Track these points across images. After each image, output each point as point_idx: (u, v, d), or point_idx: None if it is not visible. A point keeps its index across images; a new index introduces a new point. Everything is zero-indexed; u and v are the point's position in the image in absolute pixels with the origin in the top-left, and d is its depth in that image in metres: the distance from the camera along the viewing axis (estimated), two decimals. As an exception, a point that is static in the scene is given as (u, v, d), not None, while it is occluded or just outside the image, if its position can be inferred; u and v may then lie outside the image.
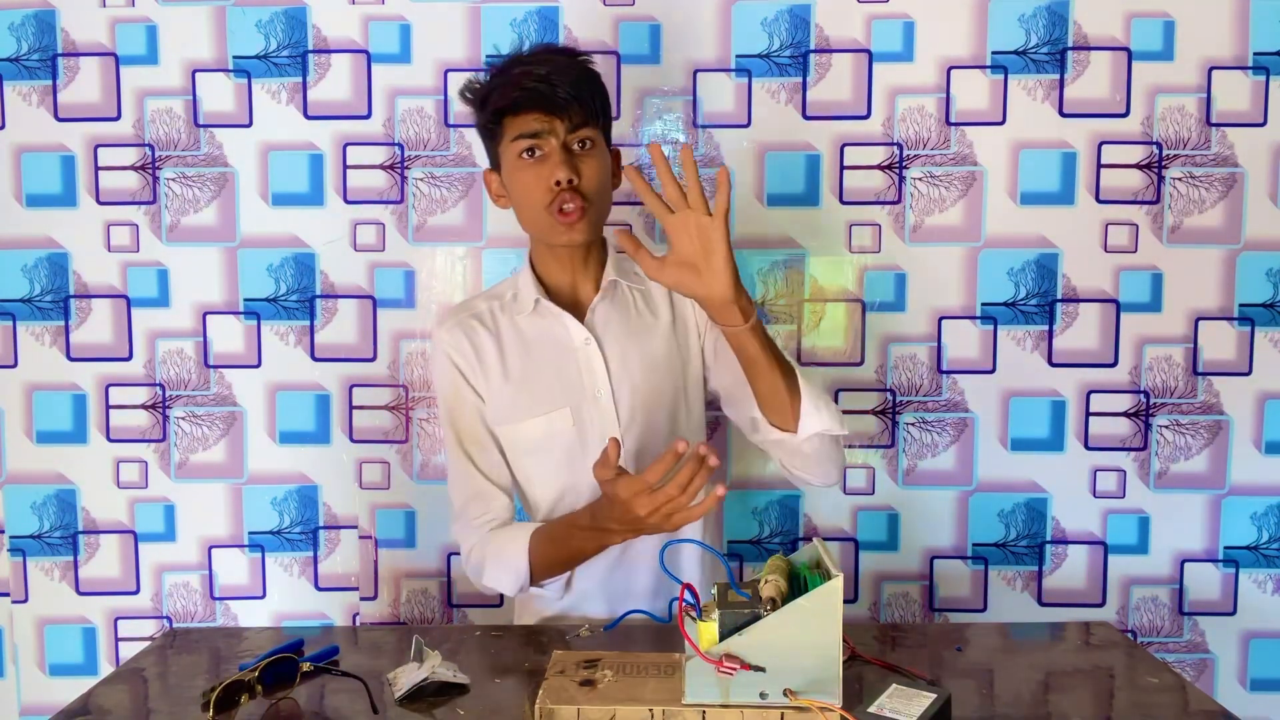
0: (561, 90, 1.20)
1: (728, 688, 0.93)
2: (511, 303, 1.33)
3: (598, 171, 1.24)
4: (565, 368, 1.29)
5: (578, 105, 1.21)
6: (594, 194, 1.24)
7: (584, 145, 1.24)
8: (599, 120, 1.26)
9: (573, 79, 1.22)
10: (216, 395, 1.76)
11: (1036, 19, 1.68)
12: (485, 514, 1.31)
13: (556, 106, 1.20)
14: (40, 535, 1.77)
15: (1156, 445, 1.74)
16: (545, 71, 1.21)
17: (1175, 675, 1.12)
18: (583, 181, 1.22)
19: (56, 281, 1.74)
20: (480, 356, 1.31)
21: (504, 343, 1.31)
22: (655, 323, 1.33)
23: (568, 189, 1.21)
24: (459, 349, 1.31)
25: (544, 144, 1.22)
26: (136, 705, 1.08)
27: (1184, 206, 1.70)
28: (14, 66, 1.71)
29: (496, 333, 1.32)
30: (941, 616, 1.78)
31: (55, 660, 1.79)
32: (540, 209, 1.23)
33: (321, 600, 1.79)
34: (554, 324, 1.30)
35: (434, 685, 1.05)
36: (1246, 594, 1.75)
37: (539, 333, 1.31)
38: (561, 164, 1.20)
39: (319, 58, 1.71)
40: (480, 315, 1.33)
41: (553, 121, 1.21)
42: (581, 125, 1.23)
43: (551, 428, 1.29)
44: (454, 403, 1.32)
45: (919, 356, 1.74)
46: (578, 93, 1.21)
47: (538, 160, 1.23)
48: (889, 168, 1.71)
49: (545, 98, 1.20)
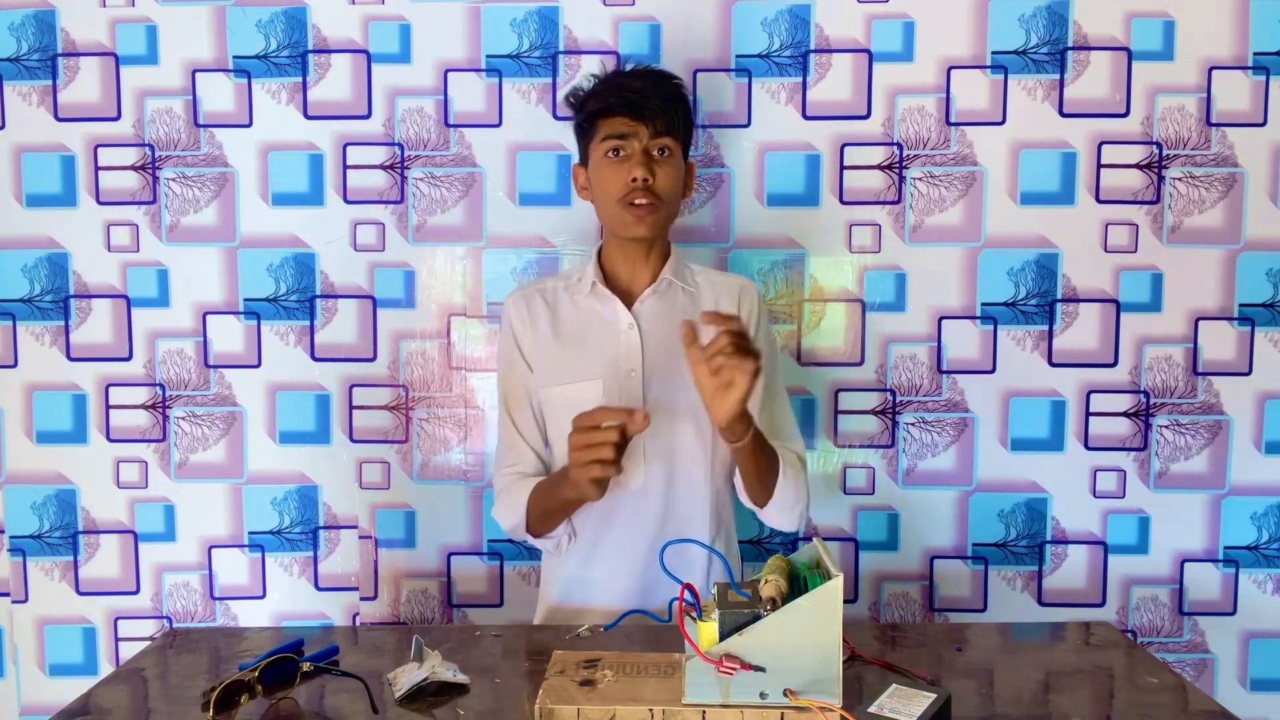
0: (651, 101, 1.35)
1: (728, 688, 0.93)
2: (576, 284, 1.46)
3: (672, 177, 1.38)
4: (606, 345, 1.41)
5: (663, 116, 1.36)
6: (666, 195, 1.37)
7: (663, 152, 1.37)
8: (680, 134, 1.39)
9: (663, 95, 1.37)
10: (216, 395, 1.76)
11: (1036, 19, 1.68)
12: (515, 464, 1.45)
13: (644, 114, 1.35)
14: (40, 535, 1.77)
15: (1156, 445, 1.74)
16: (640, 84, 1.37)
17: (1175, 675, 1.13)
18: (657, 182, 1.36)
19: (56, 281, 1.74)
20: (535, 323, 1.45)
21: (559, 315, 1.45)
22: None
23: (642, 187, 1.34)
24: (519, 315, 1.45)
25: (628, 146, 1.36)
26: (136, 705, 1.08)
27: (1184, 206, 1.70)
28: (14, 66, 1.71)
29: (555, 306, 1.45)
30: (941, 616, 1.78)
31: (55, 660, 1.79)
32: (615, 201, 1.36)
33: (321, 600, 1.79)
34: (605, 306, 1.42)
35: (434, 685, 1.05)
36: (1246, 594, 1.75)
37: (591, 311, 1.43)
38: (640, 164, 1.35)
39: (319, 58, 1.71)
40: (545, 290, 1.47)
41: (638, 127, 1.35)
42: (663, 134, 1.36)
43: (583, 395, 1.38)
44: (507, 365, 1.47)
45: (919, 356, 1.74)
46: (665, 106, 1.36)
47: (620, 159, 1.37)
48: (889, 168, 1.71)
49: (635, 105, 1.35)
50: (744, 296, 1.45)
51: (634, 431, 1.19)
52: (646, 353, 1.39)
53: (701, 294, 1.45)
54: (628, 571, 1.39)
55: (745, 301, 1.45)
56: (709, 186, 1.72)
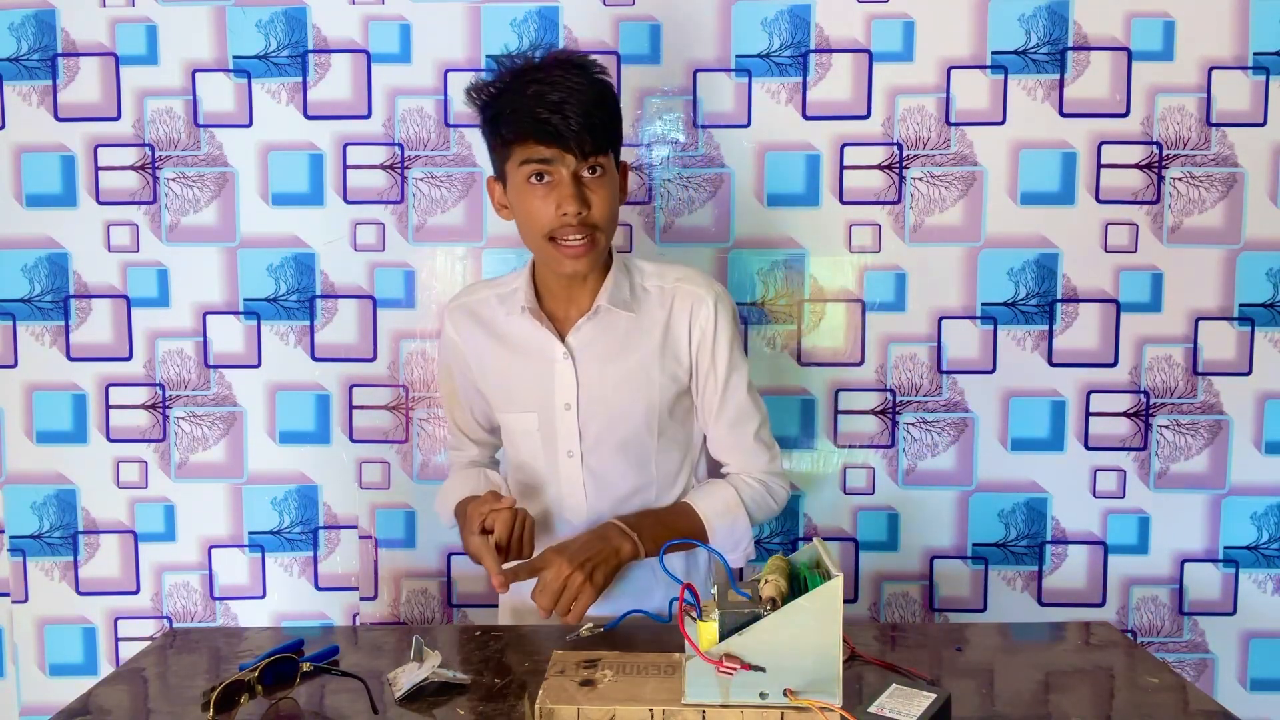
0: (574, 120, 1.16)
1: (728, 688, 0.93)
2: (510, 296, 1.34)
3: (607, 199, 1.22)
4: (541, 375, 1.31)
5: (589, 136, 1.17)
6: (604, 222, 1.22)
7: (594, 171, 1.20)
8: (610, 145, 1.22)
9: (586, 106, 1.17)
10: (216, 395, 1.76)
11: (1036, 19, 1.68)
12: (459, 452, 1.49)
13: (568, 139, 1.16)
14: (40, 535, 1.77)
15: (1156, 445, 1.74)
16: (558, 99, 1.16)
17: (1175, 675, 1.12)
18: (592, 212, 1.20)
19: (56, 281, 1.74)
20: (474, 344, 1.37)
21: (494, 334, 1.35)
22: (641, 344, 1.30)
23: (575, 222, 1.19)
24: (459, 331, 1.38)
25: (554, 171, 1.19)
26: (136, 705, 1.08)
27: (1184, 206, 1.70)
28: (14, 66, 1.71)
29: (491, 323, 1.35)
30: (941, 616, 1.78)
31: (55, 660, 1.79)
32: (543, 236, 1.22)
33: (321, 600, 1.79)
34: (538, 334, 1.31)
35: (434, 685, 1.05)
36: (1246, 594, 1.75)
37: (525, 336, 1.32)
38: (571, 196, 1.18)
39: (319, 58, 1.71)
40: (482, 304, 1.36)
41: (563, 154, 1.18)
42: (593, 153, 1.19)
43: (519, 426, 1.35)
44: (445, 368, 1.44)
45: (919, 356, 1.73)
46: (590, 122, 1.17)
47: (546, 185, 1.20)
48: (889, 168, 1.71)
49: (557, 131, 1.16)
50: (697, 312, 1.29)
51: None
52: (582, 385, 1.29)
53: (647, 312, 1.31)
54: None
55: (699, 319, 1.29)
56: (709, 186, 1.72)
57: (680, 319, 1.30)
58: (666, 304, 1.30)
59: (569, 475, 1.33)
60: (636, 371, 1.30)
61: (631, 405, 1.30)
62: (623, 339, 1.30)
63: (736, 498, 1.32)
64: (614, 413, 1.30)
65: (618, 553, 1.22)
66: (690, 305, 1.30)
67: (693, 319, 1.30)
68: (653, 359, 1.30)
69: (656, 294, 1.31)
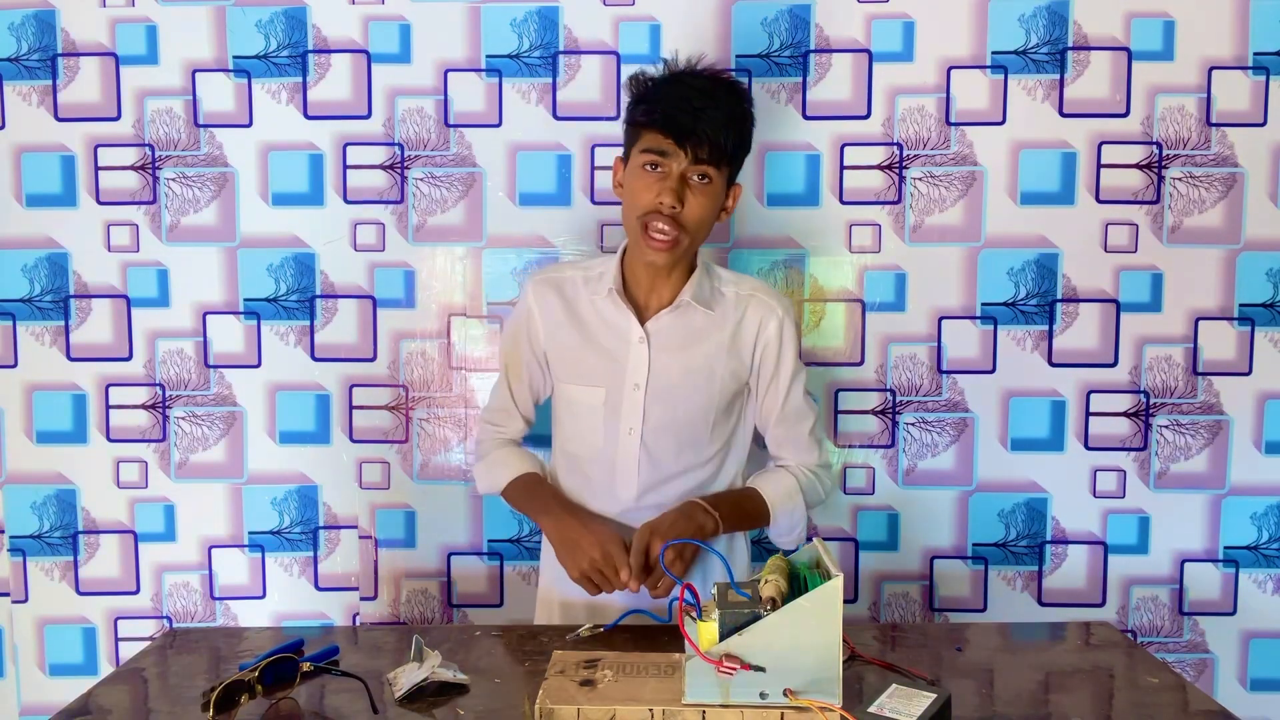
0: (701, 126, 1.26)
1: (728, 688, 0.93)
2: (596, 280, 1.41)
3: (704, 207, 1.31)
4: (615, 353, 1.39)
5: (710, 147, 1.27)
6: (692, 226, 1.31)
7: (702, 179, 1.30)
8: (726, 162, 1.31)
9: (718, 122, 1.27)
10: (216, 395, 1.76)
11: (1036, 19, 1.68)
12: (503, 427, 1.49)
13: (687, 140, 1.27)
14: (40, 535, 1.77)
15: (1156, 445, 1.74)
16: (698, 105, 1.27)
17: (1175, 675, 1.13)
18: (684, 212, 1.29)
19: (56, 281, 1.74)
20: (552, 313, 1.42)
21: (576, 311, 1.41)
22: (712, 339, 1.38)
23: (668, 213, 1.28)
24: (539, 302, 1.43)
25: (666, 165, 1.29)
26: (136, 705, 1.08)
27: (1184, 206, 1.70)
28: (14, 66, 1.71)
29: (573, 300, 1.42)
30: (941, 616, 1.77)
31: (55, 660, 1.79)
32: (638, 217, 1.31)
33: (321, 600, 1.79)
34: (620, 314, 1.39)
35: (434, 685, 1.05)
36: (1246, 594, 1.75)
37: (607, 316, 1.40)
38: (671, 190, 1.28)
39: (319, 58, 1.71)
40: (565, 281, 1.43)
41: (679, 150, 1.27)
42: (705, 162, 1.28)
43: (585, 399, 1.40)
44: (514, 337, 1.46)
45: (919, 356, 1.73)
46: (716, 136, 1.27)
47: (657, 175, 1.30)
48: (889, 168, 1.71)
49: (684, 129, 1.26)
50: (767, 323, 1.38)
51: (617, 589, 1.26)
52: (653, 369, 1.37)
53: (722, 312, 1.39)
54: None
55: (767, 329, 1.38)
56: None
57: (750, 325, 1.39)
58: (740, 309, 1.39)
59: (626, 451, 1.38)
60: (703, 365, 1.38)
61: (694, 394, 1.37)
62: (696, 333, 1.38)
63: (796, 485, 1.40)
64: (678, 398, 1.37)
65: (702, 529, 1.30)
66: (761, 315, 1.39)
67: (761, 328, 1.39)
68: (719, 355, 1.38)
69: (732, 298, 1.40)
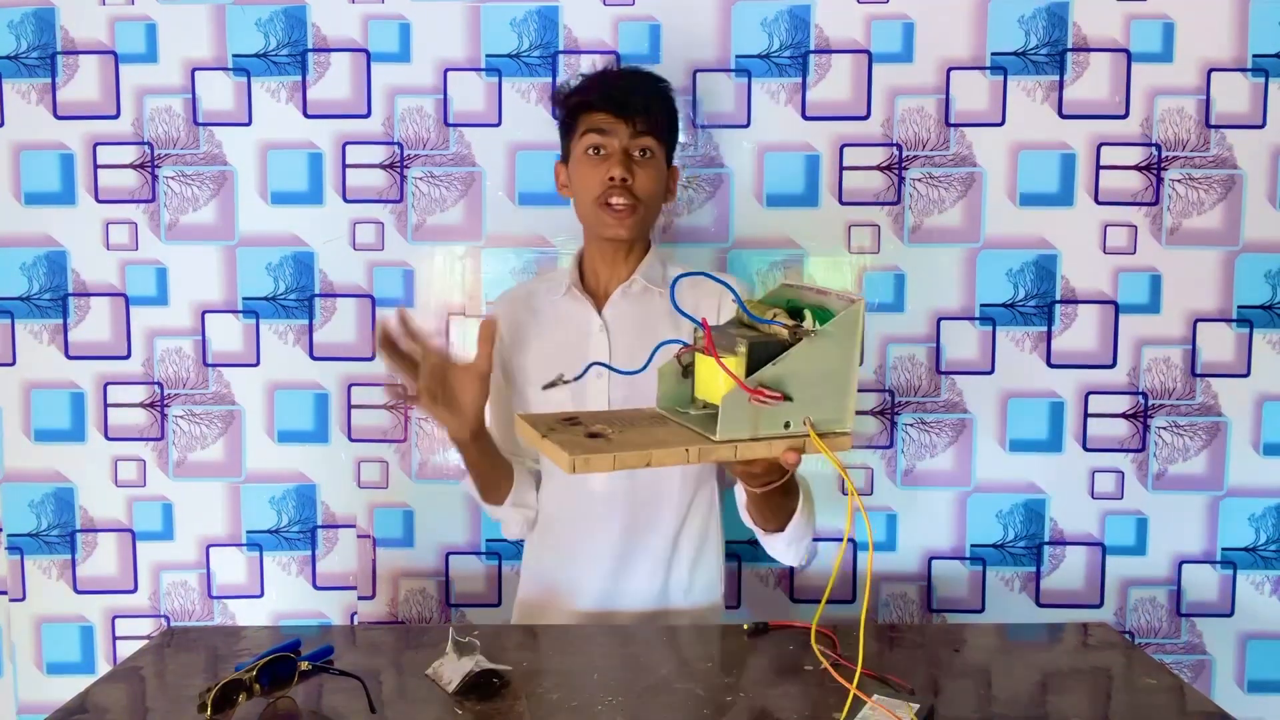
0: (633, 99, 1.35)
1: (758, 420, 0.91)
2: (556, 284, 1.47)
3: (652, 178, 1.38)
4: (577, 345, 1.41)
5: (644, 116, 1.35)
6: (645, 196, 1.37)
7: (644, 154, 1.37)
8: (662, 136, 1.39)
9: (647, 94, 1.37)
10: (215, 394, 1.76)
11: (1036, 20, 1.68)
12: None
13: (625, 111, 1.35)
14: (38, 533, 1.77)
15: (1155, 446, 1.74)
16: (625, 83, 1.39)
17: (1173, 676, 1.13)
18: (635, 183, 1.36)
19: (55, 280, 1.74)
20: (518, 328, 1.47)
21: (539, 319, 1.46)
22: (666, 320, 1.38)
23: (620, 186, 1.35)
24: (506, 320, 1.47)
25: (608, 144, 1.36)
26: (134, 704, 1.08)
27: (1183, 208, 1.70)
28: (13, 64, 1.71)
29: (537, 310, 1.47)
30: (939, 617, 1.78)
31: (53, 659, 1.79)
32: (592, 201, 1.37)
33: (319, 599, 1.78)
34: (578, 308, 1.43)
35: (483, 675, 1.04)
36: (1244, 595, 1.75)
37: (567, 314, 1.44)
38: (619, 163, 1.35)
39: (318, 56, 1.71)
40: (528, 294, 1.49)
41: (618, 124, 1.35)
42: (644, 134, 1.36)
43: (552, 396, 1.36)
44: None
45: (918, 357, 1.74)
46: (647, 105, 1.36)
47: (600, 158, 1.37)
48: (888, 168, 1.71)
49: (616, 102, 1.35)
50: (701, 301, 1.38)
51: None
52: (614, 355, 1.39)
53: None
54: (598, 574, 1.41)
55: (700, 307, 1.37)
56: (709, 187, 1.72)
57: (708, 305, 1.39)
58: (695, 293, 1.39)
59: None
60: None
61: None
62: (653, 315, 1.40)
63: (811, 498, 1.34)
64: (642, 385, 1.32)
65: None
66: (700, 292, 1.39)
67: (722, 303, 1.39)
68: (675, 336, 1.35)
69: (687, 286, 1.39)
